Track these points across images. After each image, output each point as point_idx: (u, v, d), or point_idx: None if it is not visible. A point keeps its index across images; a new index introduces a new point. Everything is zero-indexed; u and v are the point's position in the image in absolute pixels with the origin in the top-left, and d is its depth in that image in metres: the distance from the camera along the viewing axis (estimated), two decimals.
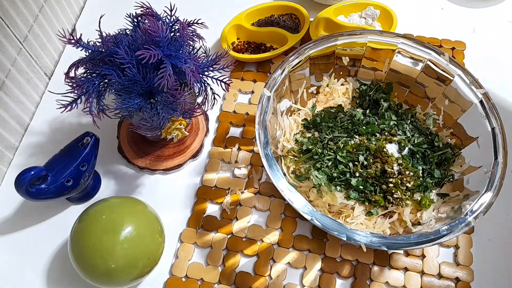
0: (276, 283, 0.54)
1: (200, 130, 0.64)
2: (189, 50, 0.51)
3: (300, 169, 0.55)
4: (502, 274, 0.55)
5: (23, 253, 0.56)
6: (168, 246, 0.55)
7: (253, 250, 0.56)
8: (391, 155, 0.53)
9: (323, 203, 0.53)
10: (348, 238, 0.45)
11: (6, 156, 0.61)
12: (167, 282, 0.55)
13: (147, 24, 0.48)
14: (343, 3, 0.73)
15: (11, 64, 0.59)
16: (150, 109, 0.48)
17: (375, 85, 0.60)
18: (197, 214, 0.59)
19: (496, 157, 0.48)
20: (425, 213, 0.52)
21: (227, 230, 0.57)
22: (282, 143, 0.57)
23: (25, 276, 0.55)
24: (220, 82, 0.53)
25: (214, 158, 0.63)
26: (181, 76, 0.49)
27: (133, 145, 0.62)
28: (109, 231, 0.47)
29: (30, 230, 0.58)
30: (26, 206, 0.59)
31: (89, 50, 0.49)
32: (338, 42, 0.56)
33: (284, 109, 0.57)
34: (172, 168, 0.61)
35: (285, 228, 0.57)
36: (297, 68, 0.55)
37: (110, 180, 0.62)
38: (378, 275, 0.54)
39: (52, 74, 0.70)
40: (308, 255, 0.56)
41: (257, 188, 0.60)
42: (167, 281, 0.55)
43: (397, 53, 0.56)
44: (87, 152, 0.54)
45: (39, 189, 0.51)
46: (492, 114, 0.50)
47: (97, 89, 0.48)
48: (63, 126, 0.65)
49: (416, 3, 0.77)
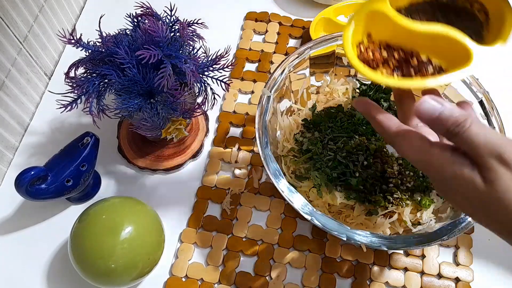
0: (276, 283, 0.54)
1: (200, 130, 0.64)
2: (189, 50, 0.51)
3: (300, 169, 0.55)
4: (502, 274, 0.55)
5: (23, 253, 0.56)
6: (168, 246, 0.55)
7: (253, 250, 0.56)
8: (391, 155, 0.53)
9: (323, 203, 0.53)
10: (348, 238, 0.45)
11: (6, 156, 0.61)
12: (167, 282, 0.55)
13: (147, 24, 0.48)
14: (343, 3, 0.73)
15: (11, 64, 0.59)
16: (150, 109, 0.48)
17: (375, 85, 0.60)
18: (197, 214, 0.58)
19: None
20: (425, 213, 0.51)
21: (227, 230, 0.57)
22: (282, 143, 0.57)
23: (25, 276, 0.55)
24: (220, 82, 0.53)
25: (214, 158, 0.63)
26: (181, 76, 0.49)
27: (133, 145, 0.62)
28: (109, 231, 0.47)
29: (30, 230, 0.58)
30: (26, 206, 0.59)
31: (89, 50, 0.49)
32: (338, 42, 0.56)
33: (284, 109, 0.57)
34: (172, 168, 0.61)
35: (285, 228, 0.57)
36: (297, 68, 0.55)
37: (110, 180, 0.62)
38: (378, 275, 0.54)
39: (52, 74, 0.70)
40: (308, 255, 0.56)
41: (257, 188, 0.60)
42: (167, 281, 0.55)
43: None
44: (87, 152, 0.54)
45: (39, 189, 0.51)
46: (492, 114, 0.50)
47: (97, 89, 0.48)
48: (63, 126, 0.65)
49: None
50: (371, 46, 0.40)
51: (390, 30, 0.39)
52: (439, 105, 0.32)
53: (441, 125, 0.32)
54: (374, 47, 0.40)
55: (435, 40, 0.38)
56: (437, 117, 0.32)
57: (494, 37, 0.37)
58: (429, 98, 0.33)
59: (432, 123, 0.33)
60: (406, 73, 0.39)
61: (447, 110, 0.32)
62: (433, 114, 0.32)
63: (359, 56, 0.40)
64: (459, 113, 0.32)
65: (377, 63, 0.39)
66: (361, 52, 0.40)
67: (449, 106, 0.32)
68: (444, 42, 0.37)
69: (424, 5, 0.40)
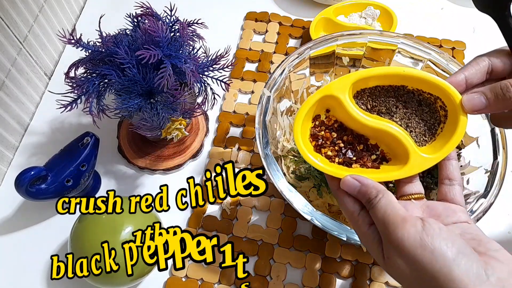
0: (276, 283, 0.54)
1: (200, 130, 0.64)
2: (189, 50, 0.51)
3: (300, 169, 0.55)
4: None
5: (23, 253, 0.56)
6: None
7: (253, 250, 0.56)
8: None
9: (323, 203, 0.53)
10: (348, 238, 0.45)
11: (6, 156, 0.61)
12: (167, 282, 0.55)
13: (147, 24, 0.48)
14: (343, 3, 0.73)
15: (11, 64, 0.59)
16: (150, 109, 0.48)
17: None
18: (197, 214, 0.59)
19: (496, 157, 0.48)
20: None
21: (227, 230, 0.57)
22: (282, 143, 0.57)
23: (25, 276, 0.55)
24: (220, 82, 0.53)
25: (214, 158, 0.63)
26: (181, 76, 0.49)
27: (133, 145, 0.62)
28: (109, 231, 0.47)
29: (30, 230, 0.58)
30: (26, 206, 0.59)
31: (89, 50, 0.49)
32: (338, 42, 0.56)
33: (284, 109, 0.57)
34: (172, 168, 0.61)
35: (285, 228, 0.57)
36: (297, 68, 0.55)
37: (110, 180, 0.62)
38: (378, 275, 0.54)
39: (52, 74, 0.70)
40: (308, 255, 0.56)
41: None
42: (167, 281, 0.55)
43: (397, 53, 0.56)
44: (87, 152, 0.54)
45: (39, 189, 0.51)
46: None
47: (97, 89, 0.48)
48: (63, 126, 0.65)
49: (416, 3, 0.77)
50: (326, 122, 0.43)
51: (345, 114, 0.42)
52: (357, 183, 0.37)
53: (362, 199, 0.37)
54: (329, 123, 0.43)
55: (383, 134, 0.41)
56: (357, 193, 0.37)
57: (443, 141, 0.39)
58: (350, 177, 0.38)
59: (357, 197, 0.38)
60: (347, 159, 0.42)
61: (363, 187, 0.37)
62: (354, 191, 0.37)
63: (313, 128, 0.43)
64: (373, 189, 0.36)
65: (325, 141, 0.43)
66: (315, 125, 0.43)
67: (365, 183, 0.37)
68: (390, 138, 0.41)
69: (388, 89, 0.42)
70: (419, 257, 0.31)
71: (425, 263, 0.31)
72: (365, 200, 0.37)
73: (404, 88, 0.41)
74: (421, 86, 0.40)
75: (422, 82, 0.40)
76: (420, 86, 0.40)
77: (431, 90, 0.40)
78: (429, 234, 0.31)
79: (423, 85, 0.40)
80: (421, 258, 0.31)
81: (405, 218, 0.33)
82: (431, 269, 0.30)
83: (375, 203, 0.35)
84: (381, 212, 0.34)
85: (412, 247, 0.32)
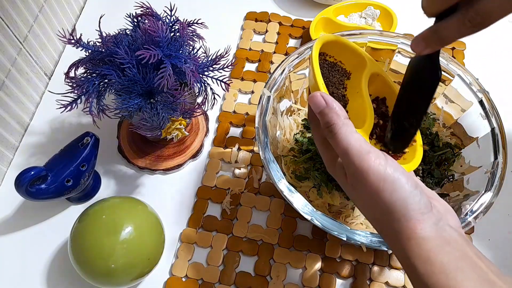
0: (276, 283, 0.54)
1: (200, 130, 0.64)
2: (189, 50, 0.51)
3: (300, 169, 0.55)
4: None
5: (23, 253, 0.56)
6: (168, 246, 0.55)
7: (253, 250, 0.56)
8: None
9: (323, 203, 0.53)
10: (348, 238, 0.45)
11: (6, 156, 0.61)
12: (167, 282, 0.55)
13: (147, 24, 0.48)
14: (343, 3, 0.73)
15: (11, 64, 0.59)
16: (150, 109, 0.48)
17: None
18: (197, 214, 0.59)
19: (496, 157, 0.48)
20: None
21: (227, 230, 0.57)
22: (282, 143, 0.57)
23: (25, 276, 0.55)
24: (220, 82, 0.53)
25: (214, 158, 0.63)
26: (181, 76, 0.49)
27: (133, 145, 0.62)
28: (109, 231, 0.47)
29: (30, 230, 0.58)
30: (26, 206, 0.59)
31: (89, 50, 0.49)
32: None
33: (284, 109, 0.57)
34: (172, 168, 0.61)
35: (285, 228, 0.57)
36: (297, 68, 0.55)
37: (110, 180, 0.62)
38: (378, 275, 0.54)
39: (52, 74, 0.70)
40: (308, 255, 0.56)
41: (257, 188, 0.60)
42: (167, 281, 0.55)
43: (397, 53, 0.56)
44: (87, 152, 0.54)
45: (39, 189, 0.51)
46: (492, 114, 0.50)
47: (97, 89, 0.48)
48: (63, 126, 0.65)
49: (416, 3, 0.77)
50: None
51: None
52: (323, 102, 0.37)
53: (322, 121, 0.37)
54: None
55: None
56: (319, 112, 0.37)
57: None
58: (319, 94, 0.38)
59: (318, 115, 0.38)
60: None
61: (326, 109, 0.37)
62: (317, 109, 0.38)
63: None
64: (334, 114, 0.37)
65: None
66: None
67: (331, 105, 0.37)
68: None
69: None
70: (381, 187, 0.34)
71: (386, 193, 0.34)
72: (324, 123, 0.37)
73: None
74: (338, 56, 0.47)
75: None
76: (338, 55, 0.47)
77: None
78: (392, 166, 0.35)
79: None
80: (383, 188, 0.34)
81: (370, 150, 0.35)
82: (389, 198, 0.34)
83: (336, 130, 0.36)
84: (344, 142, 0.35)
85: (377, 179, 0.34)
